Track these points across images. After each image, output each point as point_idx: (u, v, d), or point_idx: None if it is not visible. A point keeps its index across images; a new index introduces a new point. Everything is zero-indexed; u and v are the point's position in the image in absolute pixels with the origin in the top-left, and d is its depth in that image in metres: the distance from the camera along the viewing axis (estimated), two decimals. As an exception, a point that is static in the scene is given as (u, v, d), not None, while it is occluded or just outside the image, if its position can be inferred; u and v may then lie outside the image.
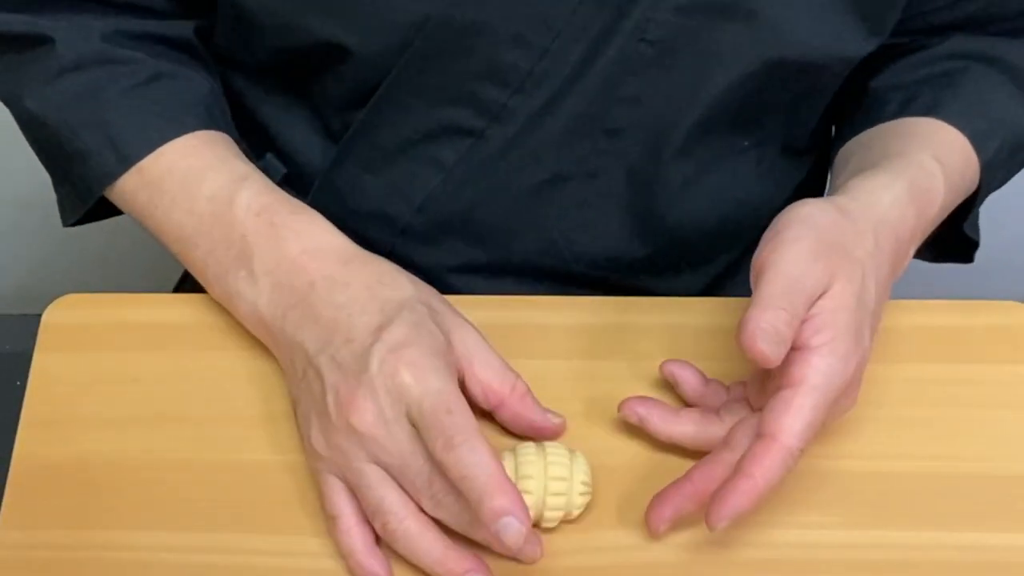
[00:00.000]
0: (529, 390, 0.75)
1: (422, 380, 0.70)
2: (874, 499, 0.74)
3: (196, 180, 0.80)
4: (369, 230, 0.78)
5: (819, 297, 0.71)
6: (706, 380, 0.78)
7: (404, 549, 0.70)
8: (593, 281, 0.90)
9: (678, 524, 0.72)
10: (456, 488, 0.68)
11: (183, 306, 0.82)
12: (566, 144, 0.83)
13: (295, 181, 0.89)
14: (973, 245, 0.92)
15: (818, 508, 0.74)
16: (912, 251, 0.80)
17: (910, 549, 0.73)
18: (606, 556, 0.72)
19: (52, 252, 1.54)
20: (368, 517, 0.71)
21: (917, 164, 0.80)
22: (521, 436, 0.75)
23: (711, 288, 0.95)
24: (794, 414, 0.69)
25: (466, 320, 0.76)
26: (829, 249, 0.72)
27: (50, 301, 0.82)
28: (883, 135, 0.86)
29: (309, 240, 0.77)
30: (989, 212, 1.20)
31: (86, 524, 0.73)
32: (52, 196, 0.88)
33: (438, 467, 0.69)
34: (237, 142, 0.85)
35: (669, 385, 0.78)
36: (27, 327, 0.81)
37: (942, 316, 0.83)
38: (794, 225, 0.73)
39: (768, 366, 0.69)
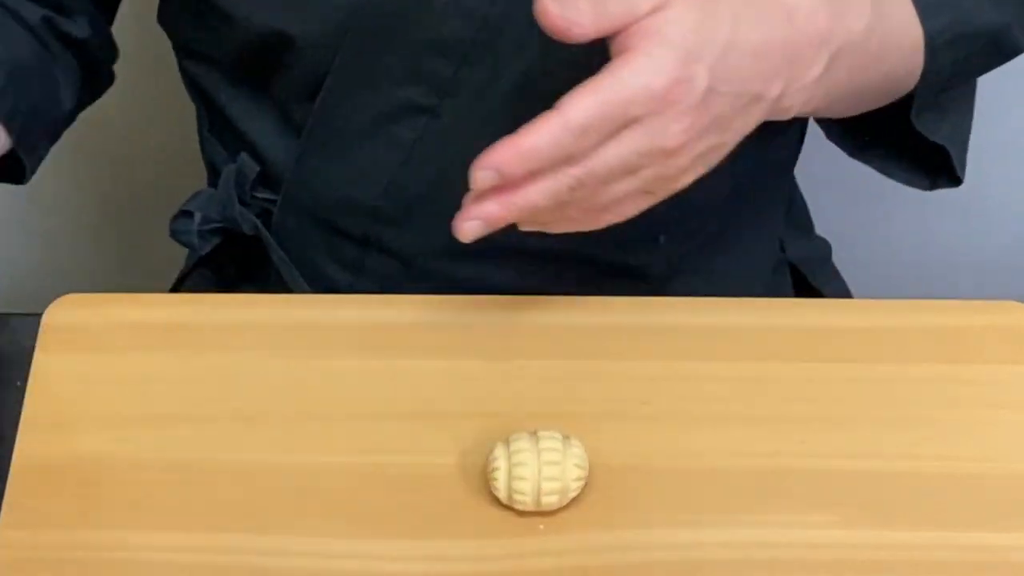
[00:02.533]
0: None
1: None
2: (874, 499, 0.74)
3: None
4: (343, 218, 0.78)
5: (656, 11, 0.68)
6: None
7: None
8: (564, 255, 0.88)
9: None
10: None
11: (183, 306, 0.82)
12: (518, 113, 0.81)
13: (269, 179, 0.89)
14: (943, 152, 0.86)
15: (818, 508, 0.74)
16: (820, 43, 0.73)
17: (910, 549, 0.73)
18: (604, 556, 0.72)
19: (52, 252, 1.54)
20: None
21: None
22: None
23: (688, 260, 0.92)
24: (582, 90, 0.67)
25: None
26: None
27: (50, 301, 0.82)
28: None
29: None
30: (989, 212, 1.20)
31: (86, 524, 0.73)
32: (52, 196, 0.88)
33: None
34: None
35: (671, 386, 0.78)
36: (27, 327, 0.81)
37: (942, 316, 0.83)
38: None
39: (559, 33, 0.67)
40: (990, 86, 0.91)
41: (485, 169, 0.67)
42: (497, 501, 0.73)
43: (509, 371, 0.79)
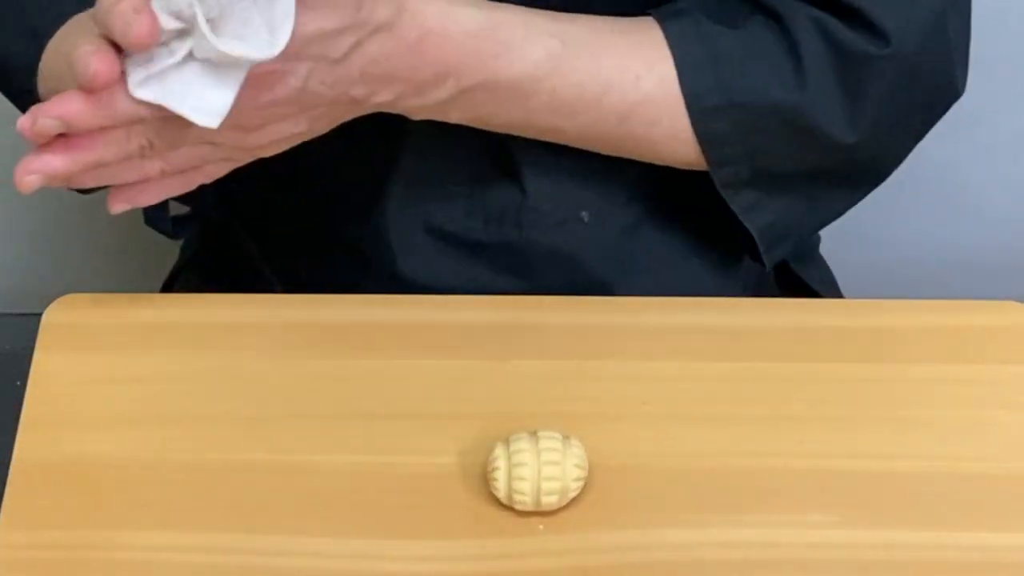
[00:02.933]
0: None
1: None
2: (874, 499, 0.74)
3: None
4: (297, 208, 0.76)
5: None
6: None
7: None
8: (499, 245, 0.86)
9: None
10: None
11: (183, 306, 0.82)
12: None
13: (237, 170, 0.89)
14: (748, 235, 0.82)
15: (818, 508, 0.74)
16: (444, 72, 0.72)
17: (910, 549, 0.73)
18: (604, 556, 0.72)
19: (52, 252, 1.54)
20: None
21: (525, 18, 0.74)
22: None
23: (638, 256, 0.89)
24: None
25: None
26: None
27: (50, 301, 0.82)
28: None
29: None
30: (989, 211, 1.20)
31: (86, 524, 0.73)
32: (52, 196, 0.88)
33: None
34: None
35: (671, 386, 0.78)
36: (27, 327, 0.81)
37: (942, 316, 0.83)
38: None
39: None
40: (990, 86, 0.91)
41: (49, 117, 0.63)
42: (497, 501, 0.73)
43: (509, 371, 0.79)
